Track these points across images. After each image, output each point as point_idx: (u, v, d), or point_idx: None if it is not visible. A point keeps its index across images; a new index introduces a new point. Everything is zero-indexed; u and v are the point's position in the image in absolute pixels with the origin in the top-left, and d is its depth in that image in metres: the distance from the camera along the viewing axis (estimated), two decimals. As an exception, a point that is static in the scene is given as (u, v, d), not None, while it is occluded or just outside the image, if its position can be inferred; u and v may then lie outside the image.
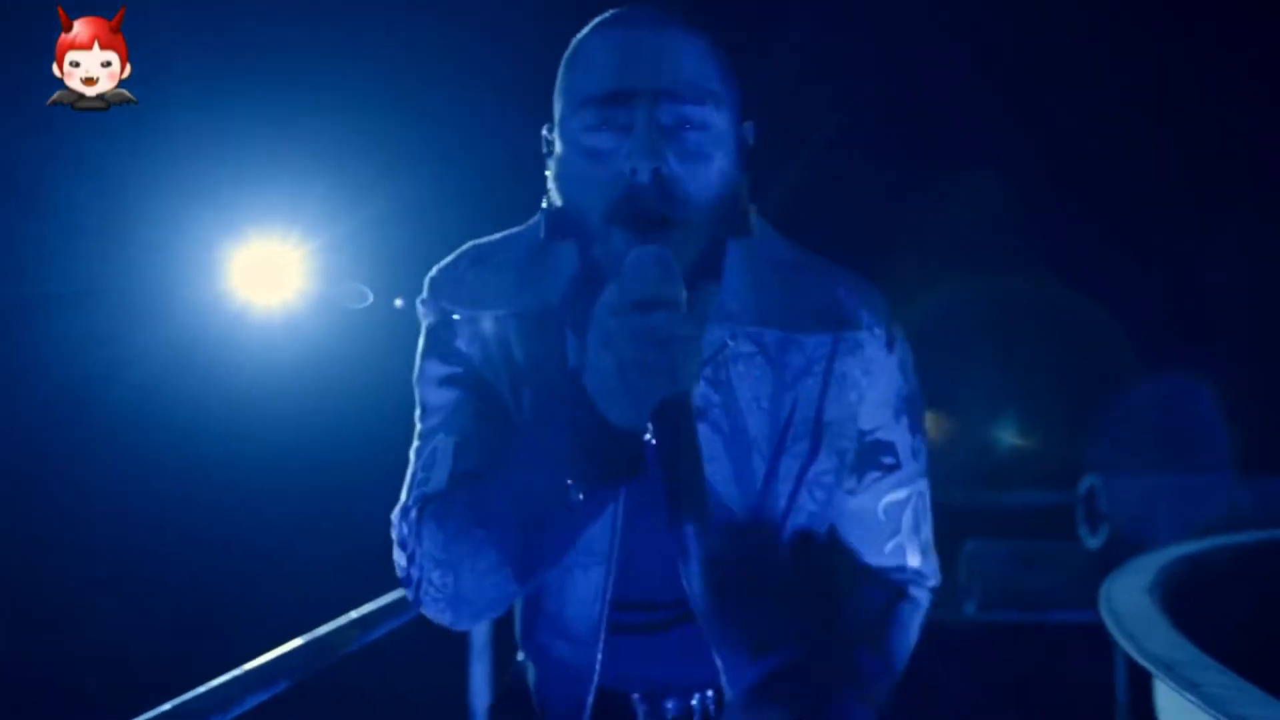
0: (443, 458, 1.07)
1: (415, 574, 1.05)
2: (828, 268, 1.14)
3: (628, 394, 0.89)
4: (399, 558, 1.07)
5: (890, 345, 1.12)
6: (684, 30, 1.02)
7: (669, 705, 1.13)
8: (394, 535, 1.08)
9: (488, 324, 1.11)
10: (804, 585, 1.09)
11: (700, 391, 1.04)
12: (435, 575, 1.03)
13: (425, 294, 1.16)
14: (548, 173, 1.09)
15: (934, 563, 1.17)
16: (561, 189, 1.06)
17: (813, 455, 1.09)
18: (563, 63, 1.08)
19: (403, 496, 1.10)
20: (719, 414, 1.05)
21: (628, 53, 1.00)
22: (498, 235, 1.16)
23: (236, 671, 1.51)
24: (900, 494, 1.13)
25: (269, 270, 13.32)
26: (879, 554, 1.14)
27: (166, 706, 1.39)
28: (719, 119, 1.02)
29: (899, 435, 1.13)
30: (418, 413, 1.13)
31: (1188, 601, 4.02)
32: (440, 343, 1.13)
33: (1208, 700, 2.41)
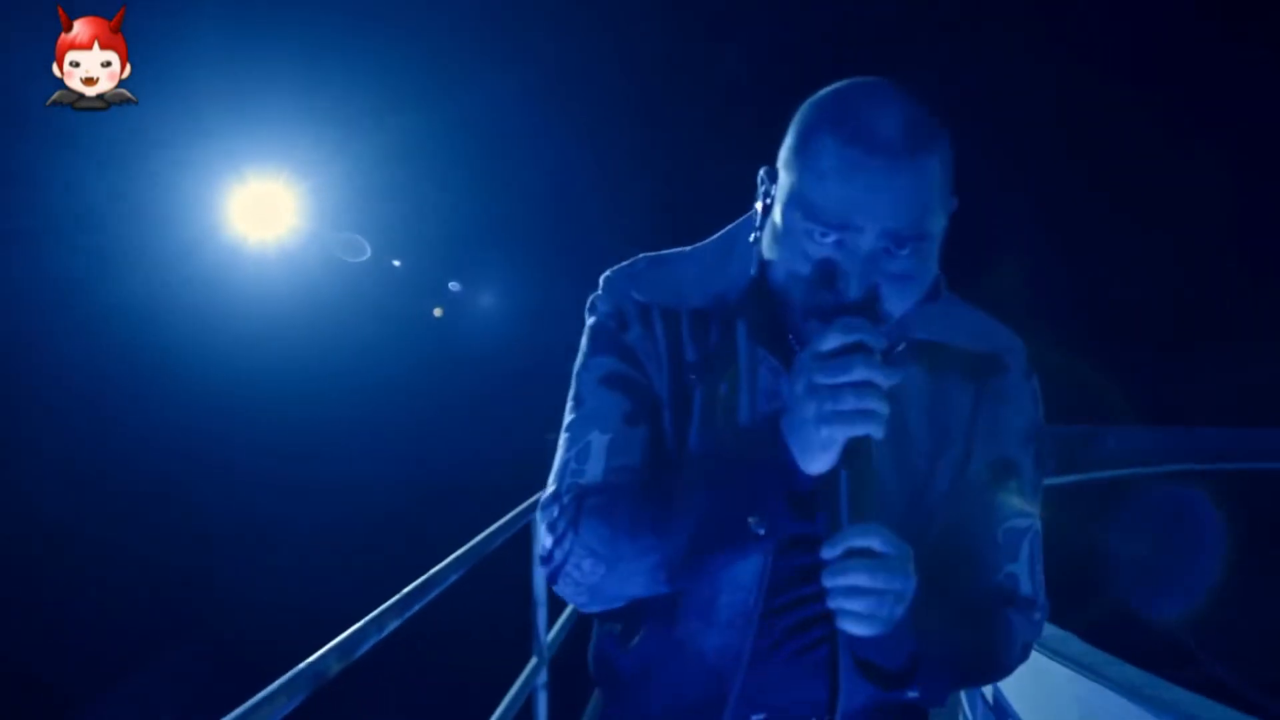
0: (597, 453, 1.08)
1: (560, 556, 1.05)
2: (974, 308, 1.17)
3: (822, 440, 0.92)
4: (545, 538, 1.08)
5: (1028, 374, 1.14)
6: (917, 155, 0.97)
7: None
8: (541, 517, 1.09)
9: (661, 316, 1.11)
10: (938, 582, 1.06)
11: None
12: (586, 563, 1.04)
13: (600, 290, 1.15)
14: (762, 220, 1.08)
15: (1044, 596, 1.14)
16: (774, 268, 1.04)
17: (966, 459, 1.11)
18: (794, 132, 1.03)
19: (551, 483, 1.10)
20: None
21: (857, 183, 0.97)
22: (669, 250, 1.18)
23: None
24: (1020, 523, 1.12)
25: (265, 208, 13.53)
26: (995, 575, 1.11)
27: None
28: (931, 237, 1.01)
29: (1025, 462, 1.13)
30: (570, 401, 1.13)
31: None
32: (608, 338, 1.12)
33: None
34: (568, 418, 1.12)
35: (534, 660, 3.17)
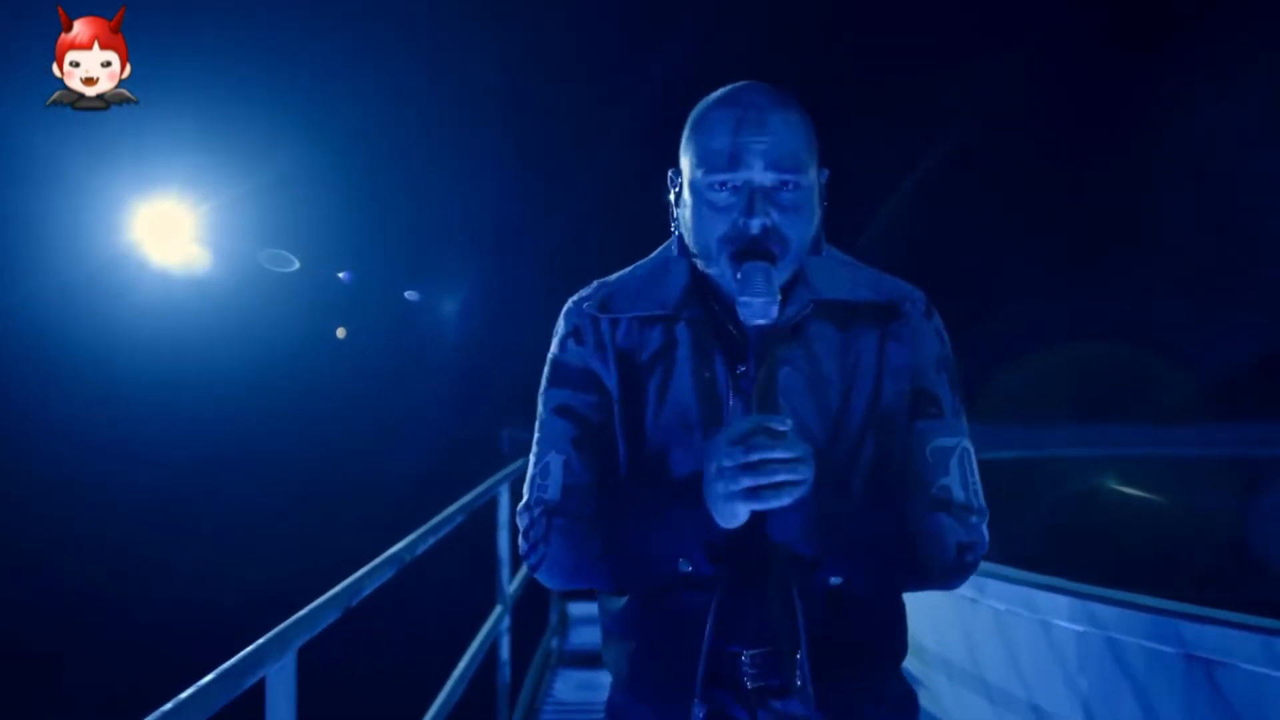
0: (555, 472, 1.25)
1: (535, 560, 1.25)
2: (874, 269, 1.34)
3: (733, 512, 1.09)
4: (522, 542, 1.27)
5: (928, 314, 1.29)
6: (783, 110, 1.21)
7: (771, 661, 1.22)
8: (519, 522, 1.28)
9: (611, 325, 1.28)
10: (871, 503, 1.22)
11: (786, 344, 1.23)
12: (556, 568, 1.24)
13: (562, 316, 1.32)
14: (676, 210, 1.28)
15: (980, 502, 1.26)
16: (691, 228, 1.24)
17: (878, 395, 1.25)
18: (688, 126, 1.26)
19: (525, 492, 1.29)
20: (800, 359, 1.23)
21: (741, 131, 1.19)
22: (618, 273, 1.35)
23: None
24: (947, 441, 1.25)
25: (169, 226, 13.26)
26: (929, 489, 1.23)
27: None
28: (806, 177, 1.20)
29: (941, 389, 1.27)
30: (537, 420, 1.30)
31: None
32: (563, 370, 1.29)
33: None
34: (535, 435, 1.30)
35: (498, 608, 3.45)
